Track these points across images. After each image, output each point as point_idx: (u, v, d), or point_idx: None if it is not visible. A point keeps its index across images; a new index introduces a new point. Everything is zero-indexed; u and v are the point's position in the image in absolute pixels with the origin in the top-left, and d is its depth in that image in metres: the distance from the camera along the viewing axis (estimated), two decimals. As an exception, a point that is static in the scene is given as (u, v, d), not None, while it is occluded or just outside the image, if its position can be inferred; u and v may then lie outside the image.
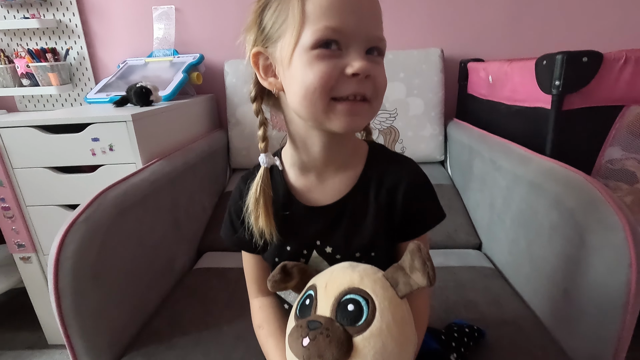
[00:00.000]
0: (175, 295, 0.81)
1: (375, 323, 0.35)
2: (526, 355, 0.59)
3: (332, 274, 0.40)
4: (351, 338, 0.34)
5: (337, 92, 0.37)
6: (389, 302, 0.36)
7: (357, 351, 0.34)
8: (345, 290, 0.37)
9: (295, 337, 0.36)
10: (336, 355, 0.33)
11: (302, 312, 0.39)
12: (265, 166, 0.45)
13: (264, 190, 0.44)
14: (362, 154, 0.47)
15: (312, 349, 0.34)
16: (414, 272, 0.37)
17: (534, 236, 0.69)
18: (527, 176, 0.73)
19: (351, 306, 0.36)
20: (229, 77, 1.31)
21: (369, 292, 0.36)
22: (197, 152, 1.08)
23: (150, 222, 0.78)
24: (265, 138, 0.45)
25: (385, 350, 0.34)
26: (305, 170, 0.46)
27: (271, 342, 0.47)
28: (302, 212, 0.46)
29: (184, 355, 0.63)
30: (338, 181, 0.46)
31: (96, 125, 0.87)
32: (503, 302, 0.72)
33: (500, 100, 1.02)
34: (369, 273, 0.39)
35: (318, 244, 0.46)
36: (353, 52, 0.37)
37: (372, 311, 0.35)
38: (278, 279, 0.42)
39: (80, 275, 0.58)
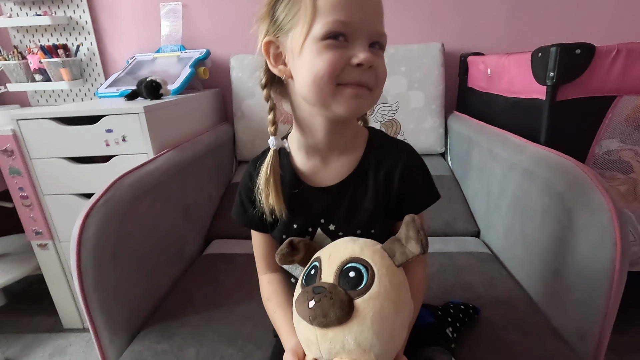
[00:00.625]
0: (187, 278, 0.85)
1: (374, 287, 0.38)
2: (516, 330, 0.63)
3: (335, 246, 0.44)
4: (352, 300, 0.38)
5: (343, 78, 0.41)
6: (386, 270, 0.40)
7: (357, 312, 0.38)
8: (347, 259, 0.41)
9: (302, 301, 0.40)
10: (339, 315, 0.37)
11: (307, 280, 0.43)
12: (275, 148, 0.49)
13: (274, 170, 0.48)
14: (363, 139, 0.51)
15: (317, 309, 0.38)
16: (409, 242, 0.41)
17: (528, 221, 0.73)
18: (522, 164, 0.76)
19: (352, 273, 0.39)
20: (234, 72, 1.35)
21: (369, 260, 0.40)
22: (205, 143, 1.12)
23: (162, 208, 0.82)
24: (275, 122, 0.49)
25: (383, 311, 0.38)
26: (310, 154, 0.50)
27: (279, 312, 0.51)
28: (307, 192, 0.50)
29: (196, 331, 0.67)
30: (340, 164, 0.50)
31: (110, 117, 0.91)
32: (498, 283, 0.76)
33: (498, 93, 1.05)
34: (368, 245, 0.43)
35: (322, 221, 0.50)
36: (358, 44, 0.41)
37: (371, 277, 0.39)
38: (285, 252, 0.46)
39: (100, 255, 0.62)
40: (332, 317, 0.37)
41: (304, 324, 0.40)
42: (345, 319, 0.37)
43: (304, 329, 0.40)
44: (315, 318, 0.38)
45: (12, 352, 1.10)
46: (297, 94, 0.45)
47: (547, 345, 0.60)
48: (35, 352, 1.10)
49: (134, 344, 0.65)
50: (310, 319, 0.38)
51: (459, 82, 1.38)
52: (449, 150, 1.31)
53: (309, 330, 0.39)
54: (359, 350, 0.37)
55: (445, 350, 0.52)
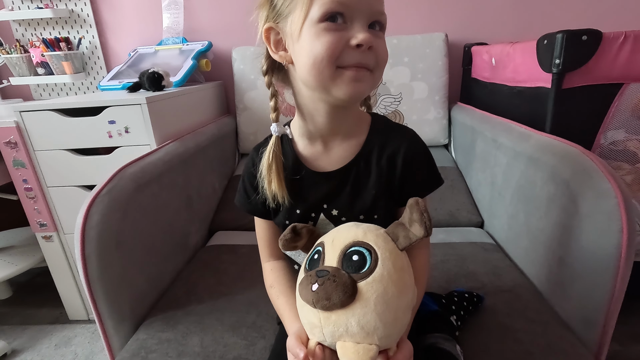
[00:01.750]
0: (190, 268, 0.86)
1: (377, 270, 0.38)
2: (521, 318, 0.62)
3: (338, 231, 0.44)
4: (355, 283, 0.38)
5: (342, 61, 0.40)
6: (389, 253, 0.40)
7: (361, 294, 0.38)
8: (350, 243, 0.41)
9: (305, 285, 0.40)
10: (342, 298, 0.37)
11: (311, 265, 0.43)
12: (277, 135, 0.49)
13: (276, 156, 0.48)
14: (365, 124, 0.51)
15: (321, 292, 0.38)
16: (412, 225, 0.40)
17: (532, 209, 0.72)
18: (526, 152, 0.76)
19: (355, 256, 0.39)
20: (236, 64, 1.34)
21: (372, 244, 0.40)
22: (208, 135, 1.12)
23: (165, 199, 0.82)
24: (277, 109, 0.49)
25: (386, 294, 0.38)
26: (312, 139, 0.50)
27: (282, 299, 0.51)
28: (310, 178, 0.50)
29: (200, 319, 0.68)
30: (343, 149, 0.49)
31: (113, 109, 0.91)
32: (502, 272, 0.76)
33: (502, 82, 1.04)
34: (372, 229, 0.43)
35: (325, 207, 0.50)
36: (357, 25, 0.40)
37: (375, 260, 0.39)
38: (289, 237, 0.46)
39: (104, 243, 0.62)
40: (336, 300, 0.37)
41: (308, 308, 0.40)
42: (349, 301, 0.37)
43: (307, 313, 0.40)
44: (318, 301, 0.38)
45: (18, 343, 1.12)
46: (297, 79, 0.45)
47: (552, 333, 0.60)
48: (41, 343, 1.11)
49: (138, 333, 0.66)
50: (314, 302, 0.38)
51: (463, 73, 1.36)
52: (453, 142, 1.30)
53: (312, 314, 0.39)
54: (362, 333, 0.37)
55: (450, 337, 0.52)
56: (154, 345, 0.62)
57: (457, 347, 0.51)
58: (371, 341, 0.38)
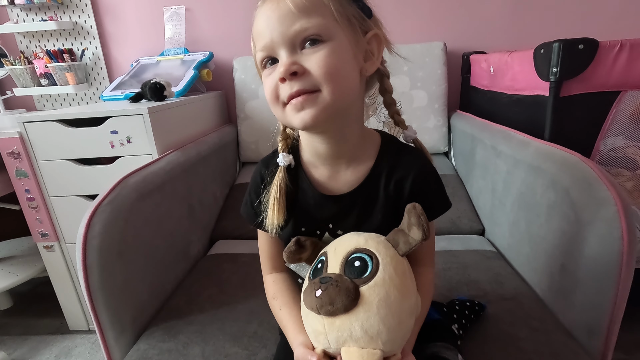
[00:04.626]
0: (192, 277, 0.86)
1: (379, 275, 0.39)
2: (523, 326, 0.62)
3: (340, 240, 0.45)
4: (358, 288, 0.39)
5: (281, 98, 0.42)
6: (390, 258, 0.41)
7: (363, 299, 0.38)
8: (352, 250, 0.42)
9: (309, 292, 0.41)
10: (345, 302, 0.38)
11: (315, 274, 0.44)
12: (283, 165, 0.49)
13: (282, 189, 0.48)
14: (374, 146, 0.50)
15: (324, 298, 0.39)
16: (411, 229, 0.41)
17: (533, 217, 0.72)
18: (526, 159, 0.76)
19: (357, 262, 0.40)
20: (237, 74, 1.36)
21: (373, 250, 0.41)
22: (209, 144, 1.13)
23: (167, 208, 0.83)
24: (285, 138, 0.50)
25: (388, 297, 0.39)
26: (318, 165, 0.50)
27: (285, 310, 0.51)
28: (317, 199, 0.49)
29: (202, 329, 0.67)
30: (350, 174, 0.49)
31: (115, 119, 0.92)
32: (504, 280, 0.76)
33: (501, 90, 1.05)
34: (372, 237, 0.44)
35: (330, 226, 0.50)
36: (281, 59, 0.41)
37: (376, 265, 0.40)
38: (293, 249, 0.46)
39: (106, 253, 0.63)
40: (339, 305, 0.38)
41: (312, 315, 0.40)
42: (352, 305, 0.38)
43: (311, 320, 0.41)
44: (322, 306, 0.38)
45: (19, 354, 1.11)
46: None
47: (555, 342, 0.59)
48: (41, 353, 1.10)
49: (139, 343, 0.66)
50: (318, 308, 0.39)
51: (462, 81, 1.38)
52: (453, 149, 1.30)
53: (317, 321, 0.40)
54: (366, 338, 0.38)
55: (451, 347, 0.52)
56: (154, 355, 0.62)
57: (459, 357, 0.51)
58: (375, 346, 0.38)
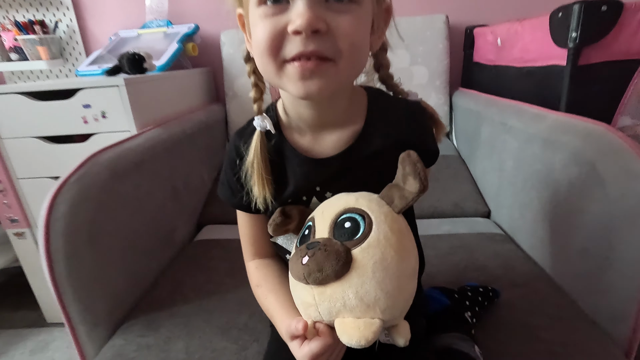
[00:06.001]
0: (176, 265, 0.78)
1: (373, 235, 0.34)
2: (541, 313, 0.57)
3: (328, 202, 0.40)
4: (349, 251, 0.34)
5: (285, 53, 0.33)
6: (384, 216, 0.35)
7: (356, 263, 0.33)
8: (341, 211, 0.37)
9: (295, 260, 0.35)
10: (335, 267, 0.33)
11: (301, 242, 0.38)
12: (260, 129, 0.42)
13: (261, 157, 0.42)
14: (361, 108, 0.44)
15: (312, 264, 0.33)
16: (407, 181, 0.36)
17: (549, 195, 0.67)
18: (542, 134, 0.70)
19: (347, 223, 0.35)
20: (225, 48, 1.26)
21: (365, 209, 0.36)
22: (195, 122, 1.04)
23: (147, 189, 0.75)
24: (259, 99, 0.43)
25: (384, 259, 0.33)
26: (300, 130, 0.44)
27: (271, 297, 0.45)
28: (304, 165, 0.43)
29: (186, 322, 0.61)
30: (336, 137, 0.43)
31: (87, 91, 0.83)
32: (515, 265, 0.70)
33: (509, 64, 0.98)
34: (363, 195, 0.38)
35: (318, 189, 0.44)
36: (298, 2, 0.32)
37: (369, 225, 0.35)
38: (279, 221, 0.41)
39: (74, 238, 0.55)
40: (329, 271, 0.33)
41: (300, 287, 0.35)
42: (343, 271, 0.33)
43: (300, 292, 0.36)
44: (310, 274, 0.33)
45: (-9, 349, 1.03)
46: None
47: (577, 330, 0.54)
48: (15, 348, 1.03)
49: (115, 338, 0.58)
50: (305, 277, 0.34)
51: (464, 58, 1.30)
52: (454, 129, 1.24)
53: (306, 292, 0.35)
54: (362, 306, 0.33)
55: (467, 337, 0.46)
56: (131, 352, 0.55)
57: (476, 348, 0.45)
58: (373, 314, 0.33)
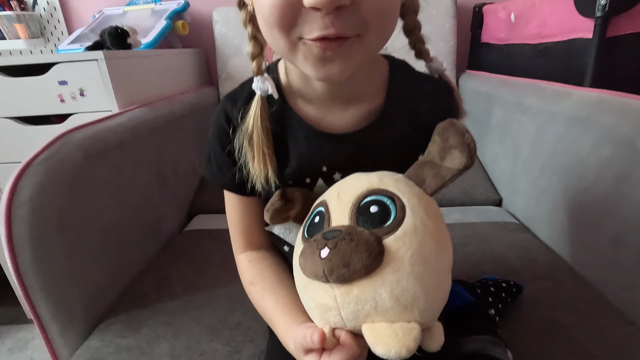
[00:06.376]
0: (163, 257, 0.71)
1: (408, 220, 0.28)
2: (569, 309, 0.51)
3: (343, 183, 0.33)
4: (381, 240, 0.27)
5: (301, 30, 0.28)
6: (418, 199, 0.29)
7: (390, 254, 0.27)
8: (364, 192, 0.30)
9: (310, 254, 0.28)
10: (365, 261, 0.26)
11: (311, 232, 0.31)
12: (261, 94, 0.35)
13: (261, 127, 0.35)
14: (381, 81, 0.38)
15: (335, 258, 0.26)
16: (448, 154, 0.29)
17: (574, 180, 0.60)
18: (567, 111, 0.63)
19: (374, 207, 0.29)
20: (218, 27, 1.18)
21: (393, 190, 0.30)
22: (184, 103, 0.97)
23: (130, 174, 0.67)
24: (259, 55, 0.35)
25: (423, 249, 0.27)
26: (308, 100, 0.37)
27: (269, 298, 0.38)
28: (312, 139, 0.37)
29: (172, 320, 0.54)
30: (351, 114, 0.37)
31: (62, 66, 0.75)
32: (534, 256, 0.64)
33: (523, 41, 0.91)
34: (387, 174, 0.32)
35: (324, 170, 0.37)
36: None
37: (401, 208, 0.29)
38: (278, 206, 0.34)
39: (41, 226, 0.48)
40: (358, 265, 0.26)
41: (315, 286, 0.29)
42: (375, 265, 0.27)
43: (315, 293, 0.29)
44: (332, 271, 0.27)
45: (-32, 348, 0.96)
46: None
47: (610, 327, 0.48)
48: (-7, 346, 0.96)
49: (91, 339, 0.52)
50: (326, 274, 0.27)
51: (472, 38, 1.23)
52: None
53: (324, 292, 0.28)
54: (397, 307, 0.27)
55: (498, 340, 0.40)
56: (108, 355, 0.48)
57: (509, 353, 0.39)
58: (410, 317, 0.27)
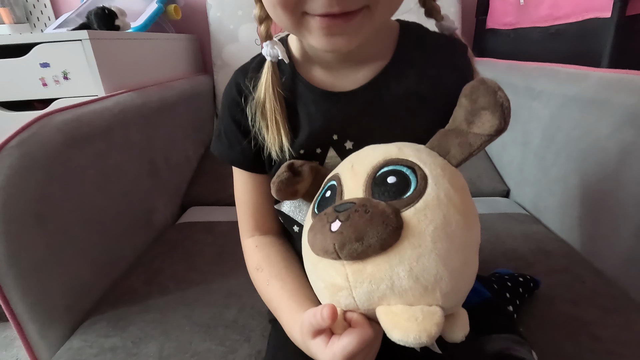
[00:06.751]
0: (154, 250, 0.67)
1: (430, 191, 0.25)
2: (590, 305, 0.47)
3: (358, 154, 0.30)
4: (399, 212, 0.24)
5: (304, 7, 0.27)
6: (441, 169, 0.26)
7: (409, 228, 0.23)
8: (381, 162, 0.27)
9: (320, 227, 0.25)
10: (382, 234, 0.23)
11: (322, 206, 0.28)
12: (271, 60, 0.34)
13: (273, 94, 0.33)
14: (392, 39, 0.36)
15: (347, 231, 0.23)
16: (477, 117, 0.26)
17: (592, 167, 0.57)
18: (585, 94, 0.59)
19: (392, 178, 0.26)
20: (212, 11, 1.12)
21: (413, 159, 0.26)
22: (177, 90, 0.92)
23: (117, 162, 0.63)
24: (266, 18, 0.33)
25: (448, 223, 0.24)
26: (315, 63, 0.35)
27: (276, 284, 0.35)
28: (317, 99, 0.34)
29: (161, 318, 0.50)
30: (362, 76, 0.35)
31: (44, 47, 0.69)
32: (549, 248, 0.61)
33: (533, 25, 0.87)
34: (407, 144, 0.29)
35: (335, 138, 0.35)
36: None
37: (422, 178, 0.25)
38: (285, 178, 0.31)
39: (15, 216, 0.43)
40: (372, 239, 0.23)
41: (326, 264, 0.25)
42: (392, 240, 0.23)
43: (325, 272, 0.26)
44: (344, 245, 0.23)
45: (-49, 346, 0.92)
46: None
47: (636, 325, 0.45)
48: (-23, 345, 0.91)
49: (73, 339, 0.48)
50: (337, 249, 0.24)
51: (476, 25, 1.19)
52: (465, 103, 1.13)
53: (334, 270, 0.25)
54: (417, 288, 0.23)
55: (522, 340, 0.36)
56: (90, 357, 0.44)
57: (533, 354, 0.35)
58: (431, 300, 0.24)
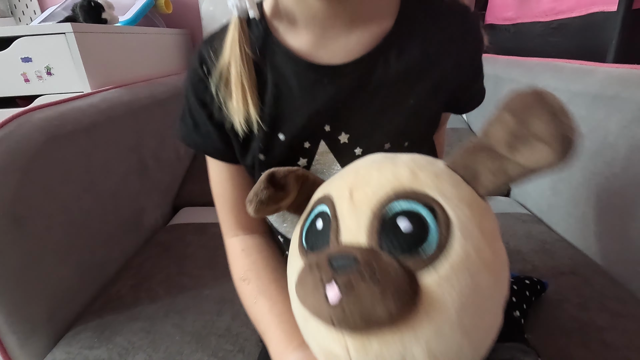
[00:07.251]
0: (144, 254, 0.64)
1: (456, 247, 0.19)
2: (600, 309, 0.45)
3: (357, 173, 0.24)
4: (414, 276, 0.19)
5: None
6: (469, 208, 0.20)
7: (428, 297, 0.18)
8: (390, 196, 0.21)
9: (312, 287, 0.19)
10: (393, 310, 0.18)
11: (310, 240, 0.23)
12: (239, 15, 0.30)
13: (239, 54, 0.29)
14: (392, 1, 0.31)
15: (349, 307, 0.18)
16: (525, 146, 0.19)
17: (599, 164, 0.55)
18: (590, 90, 0.58)
19: (405, 223, 0.20)
20: (204, 5, 1.10)
21: (431, 193, 0.20)
22: (168, 86, 0.89)
23: (104, 160, 0.60)
24: None
25: (477, 289, 0.19)
26: (299, 27, 0.30)
27: (263, 303, 0.31)
28: (299, 72, 0.30)
29: (150, 327, 0.47)
30: (355, 41, 0.30)
31: (25, 41, 0.66)
32: (554, 250, 0.59)
33: (534, 19, 0.85)
34: (422, 164, 0.22)
35: (327, 129, 0.30)
36: None
37: (445, 224, 0.19)
38: (264, 197, 0.24)
39: (-11, 220, 0.40)
40: (382, 315, 0.18)
41: (320, 325, 0.20)
42: (405, 313, 0.18)
43: (319, 334, 0.21)
44: (344, 321, 0.18)
45: None
46: None
47: (648, 330, 0.43)
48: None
49: (55, 350, 0.45)
50: (335, 323, 0.19)
51: (475, 20, 1.17)
52: (464, 100, 1.11)
53: (331, 338, 0.20)
54: None
55: (528, 349, 0.34)
56: (73, 371, 0.41)
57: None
58: None
